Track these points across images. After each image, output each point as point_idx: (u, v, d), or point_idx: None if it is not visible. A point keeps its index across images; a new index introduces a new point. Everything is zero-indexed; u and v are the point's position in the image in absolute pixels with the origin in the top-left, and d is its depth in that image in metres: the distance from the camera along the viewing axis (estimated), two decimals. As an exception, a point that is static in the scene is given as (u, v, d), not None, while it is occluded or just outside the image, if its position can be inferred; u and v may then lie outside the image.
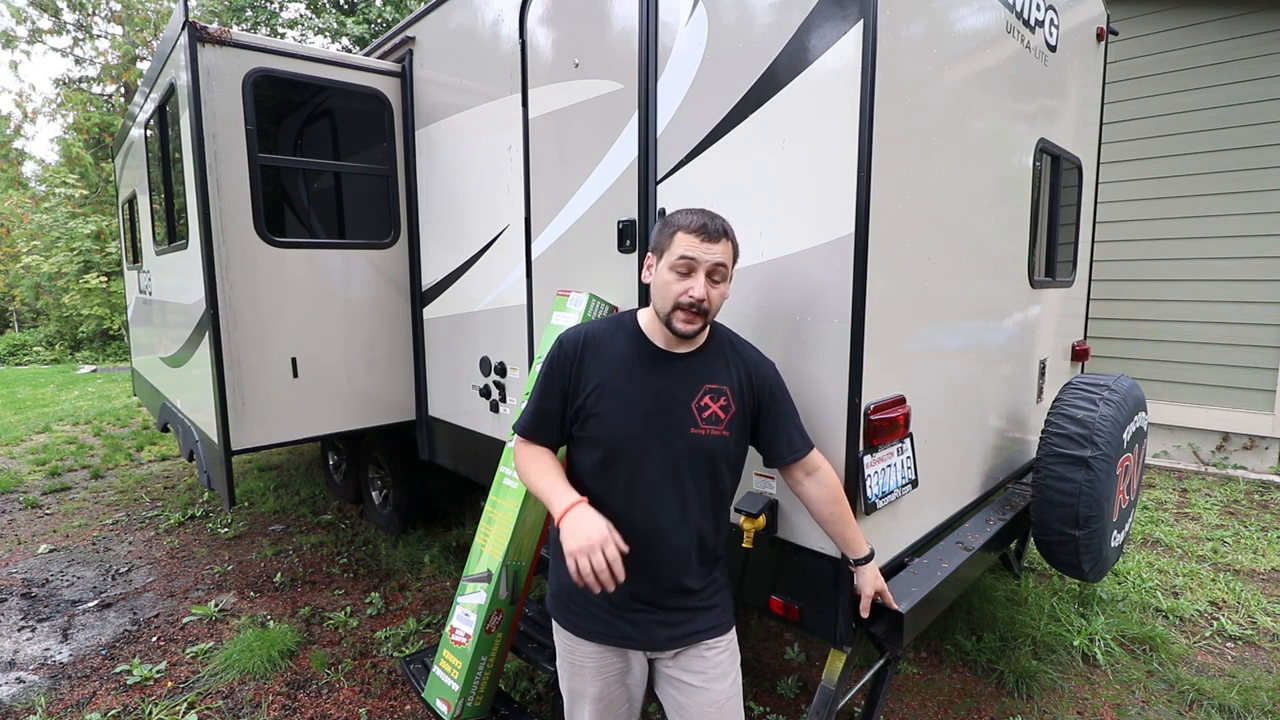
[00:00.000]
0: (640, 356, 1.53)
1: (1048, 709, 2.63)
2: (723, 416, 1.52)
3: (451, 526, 4.45)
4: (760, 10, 1.88)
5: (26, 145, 28.33)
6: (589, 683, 1.59)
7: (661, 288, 1.47)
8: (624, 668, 1.59)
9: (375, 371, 3.67)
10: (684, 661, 1.58)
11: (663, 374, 1.52)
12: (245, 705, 2.72)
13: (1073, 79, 2.96)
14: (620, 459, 1.50)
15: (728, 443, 1.53)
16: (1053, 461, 2.34)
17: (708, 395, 1.52)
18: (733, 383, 1.55)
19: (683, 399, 1.50)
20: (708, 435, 1.51)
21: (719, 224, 1.46)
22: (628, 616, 1.54)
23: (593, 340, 1.55)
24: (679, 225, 1.46)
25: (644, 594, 1.54)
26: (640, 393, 1.50)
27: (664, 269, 1.47)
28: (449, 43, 3.26)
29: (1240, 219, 5.35)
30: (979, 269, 2.38)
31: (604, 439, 1.50)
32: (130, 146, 5.29)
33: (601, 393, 1.50)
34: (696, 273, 1.44)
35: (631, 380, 1.51)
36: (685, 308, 1.44)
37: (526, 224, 2.82)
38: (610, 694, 1.59)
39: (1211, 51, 5.41)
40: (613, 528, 1.41)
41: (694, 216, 1.46)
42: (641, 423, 1.49)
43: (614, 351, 1.53)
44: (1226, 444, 5.58)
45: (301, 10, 15.63)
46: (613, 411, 1.49)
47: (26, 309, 21.46)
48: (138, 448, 6.90)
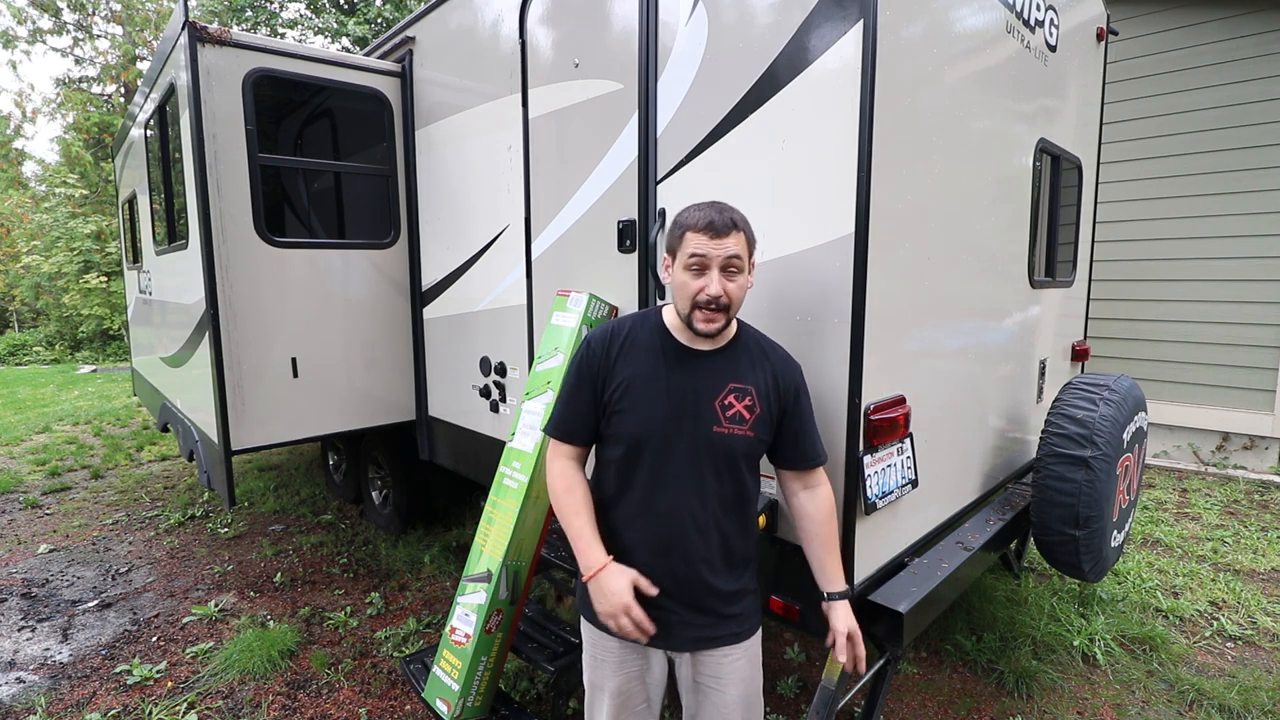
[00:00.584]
0: (665, 353, 1.54)
1: (1048, 709, 2.63)
2: (747, 417, 1.52)
3: (451, 526, 4.45)
4: (760, 10, 1.88)
5: (26, 145, 28.32)
6: (608, 677, 1.60)
7: (679, 288, 1.48)
8: (644, 665, 1.60)
9: (375, 371, 3.67)
10: (701, 664, 1.59)
11: (687, 371, 1.52)
12: (245, 705, 2.72)
13: (1073, 79, 2.96)
14: (643, 455, 1.51)
15: (751, 443, 1.53)
16: (1053, 461, 2.34)
17: (732, 394, 1.52)
18: (759, 383, 1.54)
19: (706, 397, 1.50)
20: (730, 434, 1.50)
21: (727, 216, 1.45)
22: (651, 615, 1.53)
23: (619, 338, 1.57)
24: (687, 224, 1.46)
25: (667, 590, 1.53)
26: (664, 389, 1.50)
27: (679, 270, 1.47)
28: (449, 43, 3.26)
29: (1240, 219, 5.34)
30: (979, 269, 2.38)
31: (627, 435, 1.52)
32: (130, 146, 5.29)
33: (627, 389, 1.52)
34: (710, 270, 1.43)
35: (656, 377, 1.51)
36: (703, 306, 1.44)
37: (526, 224, 2.82)
38: (629, 689, 1.60)
39: (1211, 51, 5.41)
40: (639, 578, 1.48)
41: (701, 213, 1.45)
42: (664, 419, 1.49)
43: (640, 349, 1.55)
44: (1226, 444, 5.58)
45: (301, 10, 15.63)
46: (636, 407, 1.51)
47: (26, 309, 21.46)
48: (138, 448, 6.90)
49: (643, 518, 1.52)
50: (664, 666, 1.62)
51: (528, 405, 2.30)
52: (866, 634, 1.97)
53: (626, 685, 1.60)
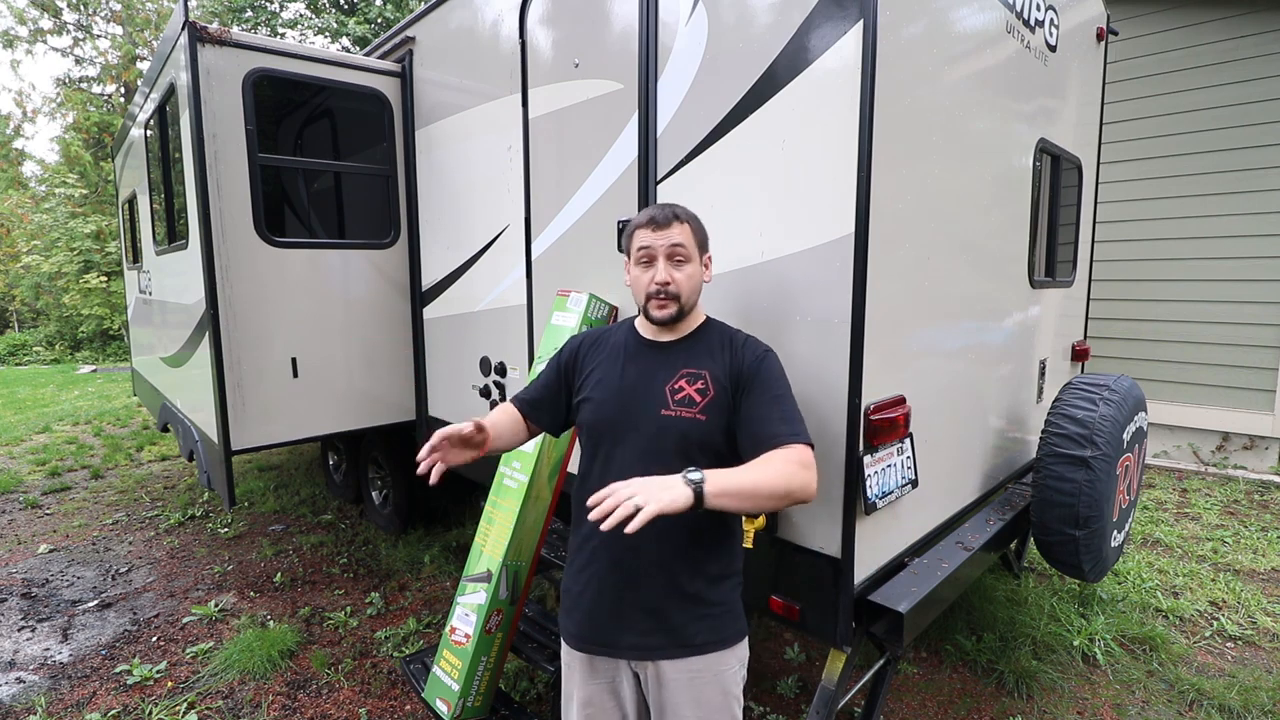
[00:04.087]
0: (628, 347, 1.61)
1: (1048, 709, 2.63)
2: (698, 400, 1.48)
3: (451, 526, 4.45)
4: (760, 10, 1.88)
5: (26, 145, 28.33)
6: (577, 686, 1.58)
7: (634, 284, 1.57)
8: (613, 677, 1.55)
9: (375, 371, 3.67)
10: (660, 679, 1.49)
11: (643, 361, 1.57)
12: (245, 705, 2.72)
13: (1073, 79, 2.96)
14: (600, 442, 1.56)
15: (703, 427, 1.46)
16: (1053, 461, 2.34)
17: (684, 379, 1.52)
18: (714, 368, 1.51)
19: (657, 382, 1.53)
20: (678, 417, 1.47)
21: (668, 210, 1.53)
22: (598, 615, 1.51)
23: (594, 337, 1.69)
24: (634, 224, 1.56)
25: (618, 589, 1.49)
26: (619, 377, 1.56)
27: (633, 267, 1.57)
28: (449, 43, 3.26)
29: (1240, 219, 5.34)
30: (979, 269, 2.38)
31: (587, 422, 1.59)
32: (130, 146, 5.29)
33: (590, 381, 1.60)
34: (656, 260, 1.52)
35: (614, 367, 1.58)
36: (654, 295, 1.52)
37: (526, 224, 2.82)
38: (599, 701, 1.55)
39: (1211, 51, 5.41)
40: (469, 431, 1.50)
41: (646, 212, 1.55)
42: (615, 405, 1.54)
43: (610, 346, 1.64)
44: (1226, 444, 5.58)
45: (301, 10, 15.64)
46: (594, 395, 1.57)
47: (26, 309, 21.47)
48: (138, 448, 6.90)
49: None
50: (631, 678, 1.55)
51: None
52: (866, 634, 1.98)
53: (596, 696, 1.55)
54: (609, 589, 1.51)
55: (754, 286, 1.95)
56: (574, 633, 1.57)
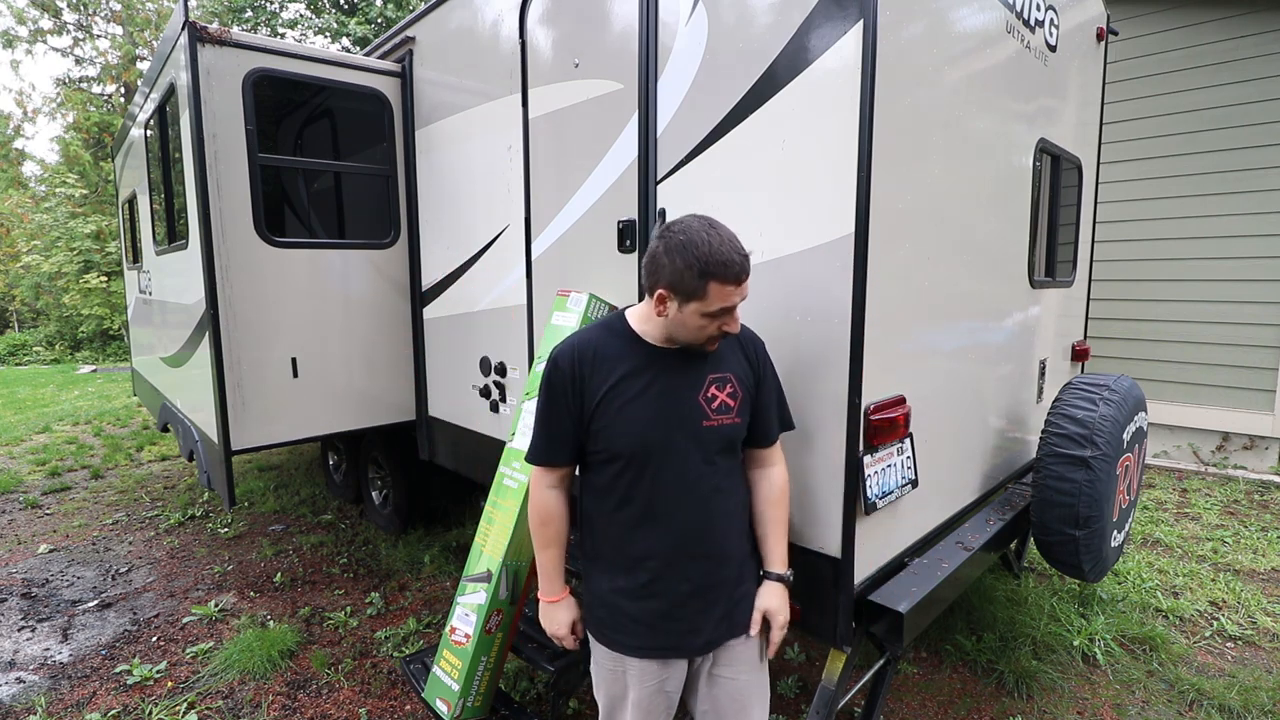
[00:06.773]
0: (640, 360, 1.51)
1: (1048, 709, 2.63)
2: (732, 404, 1.54)
3: (451, 526, 4.45)
4: (760, 10, 1.88)
5: (26, 145, 28.33)
6: (630, 688, 1.59)
7: (693, 330, 1.44)
8: (664, 675, 1.59)
9: (375, 371, 3.67)
10: (716, 656, 1.61)
11: (665, 373, 1.51)
12: (245, 705, 2.72)
13: (1073, 79, 2.96)
14: (639, 466, 1.49)
15: (740, 428, 1.57)
16: (1053, 461, 2.34)
17: (714, 385, 1.53)
18: (735, 368, 1.57)
19: (689, 394, 1.50)
20: (720, 425, 1.52)
21: (744, 258, 1.40)
22: (669, 626, 1.55)
23: (587, 352, 1.52)
24: (712, 275, 1.36)
25: (682, 599, 1.54)
26: (647, 397, 1.49)
27: (694, 314, 1.41)
28: (449, 43, 3.26)
29: (1240, 219, 5.34)
30: (979, 269, 2.38)
31: (619, 449, 1.49)
32: (130, 146, 5.29)
33: (609, 404, 1.48)
34: (734, 312, 1.45)
35: (635, 385, 1.49)
36: (719, 339, 1.50)
37: (526, 224, 2.82)
38: (651, 702, 1.60)
39: (1211, 51, 5.41)
40: (577, 622, 1.65)
41: (726, 264, 1.36)
42: (654, 427, 1.48)
43: (613, 360, 1.51)
44: (1226, 444, 5.58)
45: (301, 10, 15.64)
46: (621, 421, 1.48)
47: (26, 309, 21.48)
48: (138, 448, 6.90)
49: (650, 527, 1.51)
50: (683, 670, 1.63)
51: (528, 405, 2.30)
52: (866, 634, 1.98)
53: (649, 698, 1.59)
54: (679, 598, 1.54)
55: (754, 286, 1.94)
56: (636, 645, 1.56)
